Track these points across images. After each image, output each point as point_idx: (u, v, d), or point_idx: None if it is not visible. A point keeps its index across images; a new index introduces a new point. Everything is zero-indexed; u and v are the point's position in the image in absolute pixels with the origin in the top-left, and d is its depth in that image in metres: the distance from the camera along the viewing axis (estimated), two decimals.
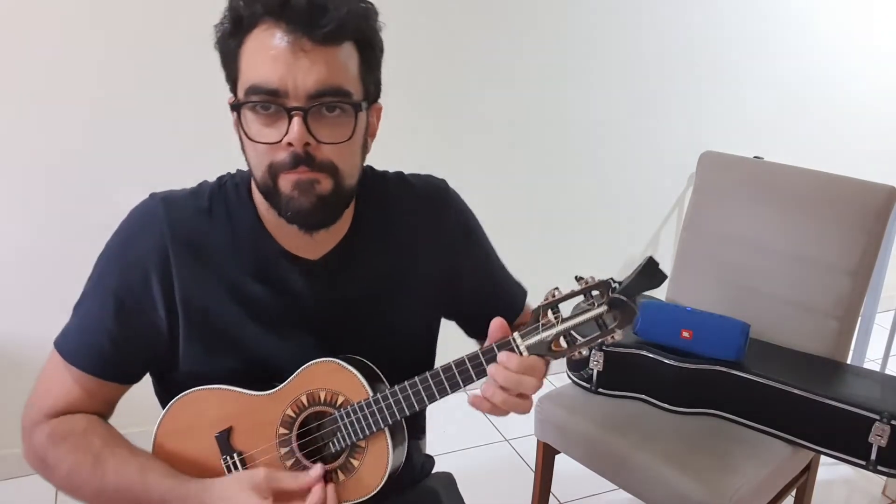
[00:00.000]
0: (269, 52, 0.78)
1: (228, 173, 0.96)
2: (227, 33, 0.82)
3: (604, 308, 0.76)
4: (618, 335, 0.77)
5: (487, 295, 1.08)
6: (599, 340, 0.78)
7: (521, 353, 0.81)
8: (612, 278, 0.77)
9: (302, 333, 0.92)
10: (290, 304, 0.92)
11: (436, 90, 2.25)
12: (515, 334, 0.80)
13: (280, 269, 0.92)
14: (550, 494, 1.78)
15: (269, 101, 0.79)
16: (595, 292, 0.77)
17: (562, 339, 0.78)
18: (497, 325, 0.84)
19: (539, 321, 0.79)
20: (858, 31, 2.90)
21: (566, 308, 0.80)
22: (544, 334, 0.78)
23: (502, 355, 0.80)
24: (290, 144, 0.79)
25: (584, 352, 0.78)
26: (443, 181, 1.05)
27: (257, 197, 0.91)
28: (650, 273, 0.74)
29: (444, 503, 1.11)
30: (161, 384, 0.97)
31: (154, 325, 0.90)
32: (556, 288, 0.79)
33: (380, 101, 0.91)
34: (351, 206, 0.94)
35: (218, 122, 0.92)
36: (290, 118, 0.78)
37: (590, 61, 2.45)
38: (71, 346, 0.90)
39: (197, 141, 1.96)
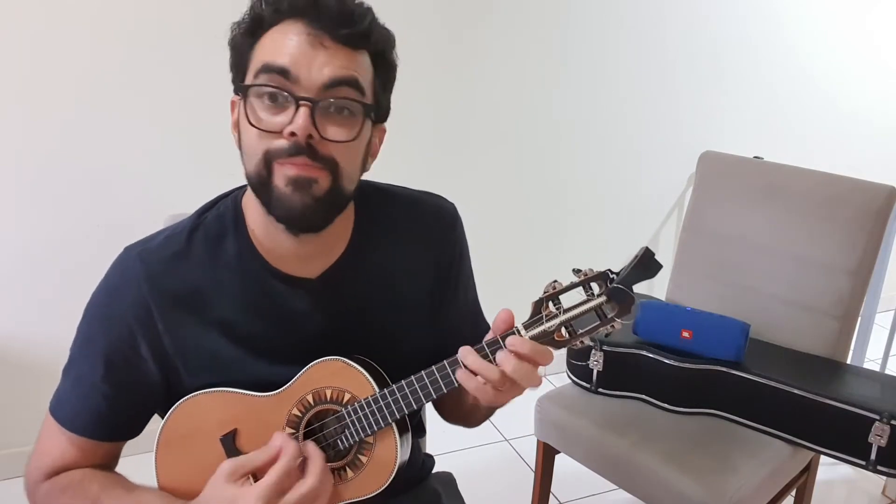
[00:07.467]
0: (287, 40, 0.77)
1: (210, 202, 0.93)
2: (244, 31, 0.81)
3: (603, 299, 0.79)
4: (617, 324, 0.80)
5: (451, 327, 1.01)
6: (600, 329, 0.81)
7: None
8: (609, 269, 0.80)
9: (308, 356, 0.90)
10: (293, 329, 0.90)
11: (435, 90, 2.25)
12: (519, 325, 0.81)
13: (277, 296, 0.89)
14: (550, 494, 1.79)
15: (279, 87, 0.77)
16: (593, 284, 0.80)
17: (563, 329, 0.81)
18: (503, 316, 0.81)
19: (542, 312, 0.81)
20: (858, 31, 2.90)
21: (566, 300, 0.83)
22: (548, 324, 0.81)
23: (512, 339, 0.79)
24: (292, 134, 0.76)
25: (586, 341, 0.82)
26: (452, 205, 1.02)
27: (250, 218, 0.88)
28: (646, 264, 0.78)
29: (444, 503, 1.10)
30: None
31: (147, 379, 0.89)
32: (556, 280, 0.82)
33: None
34: (350, 220, 0.92)
35: (219, 123, 0.91)
36: (298, 107, 0.76)
37: (590, 61, 2.45)
38: (67, 412, 0.90)
39: (197, 140, 1.97)
